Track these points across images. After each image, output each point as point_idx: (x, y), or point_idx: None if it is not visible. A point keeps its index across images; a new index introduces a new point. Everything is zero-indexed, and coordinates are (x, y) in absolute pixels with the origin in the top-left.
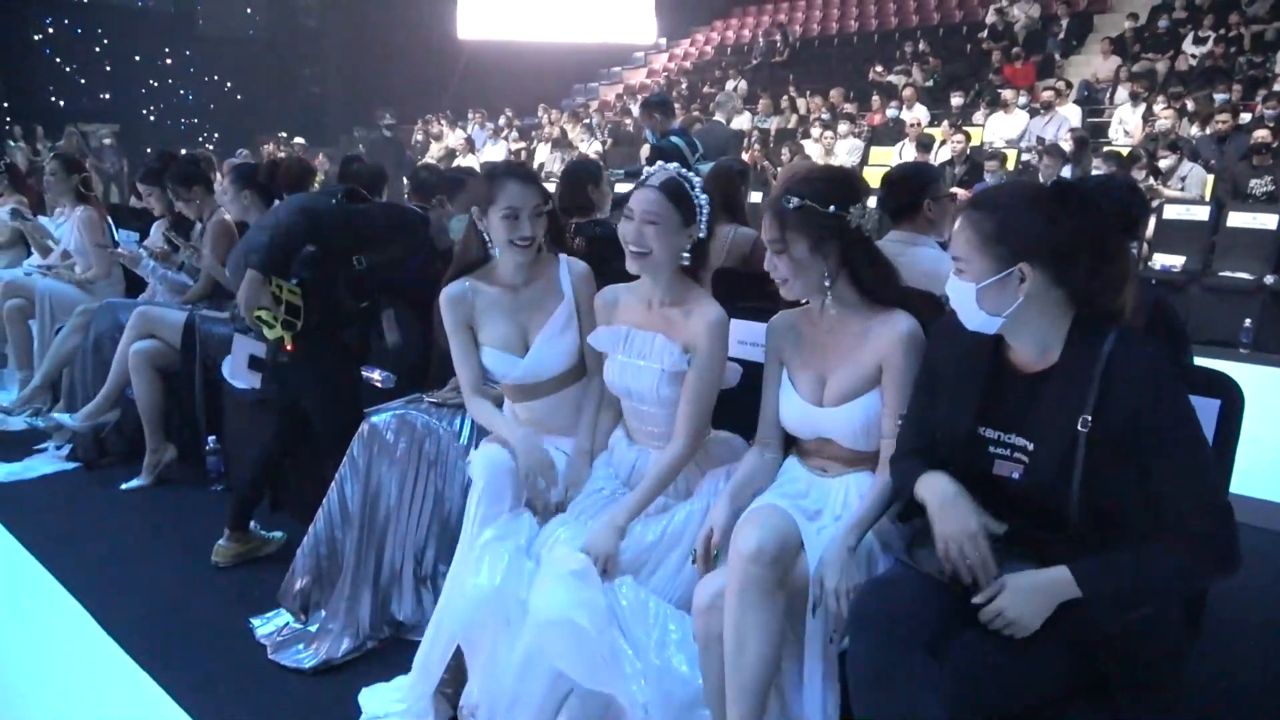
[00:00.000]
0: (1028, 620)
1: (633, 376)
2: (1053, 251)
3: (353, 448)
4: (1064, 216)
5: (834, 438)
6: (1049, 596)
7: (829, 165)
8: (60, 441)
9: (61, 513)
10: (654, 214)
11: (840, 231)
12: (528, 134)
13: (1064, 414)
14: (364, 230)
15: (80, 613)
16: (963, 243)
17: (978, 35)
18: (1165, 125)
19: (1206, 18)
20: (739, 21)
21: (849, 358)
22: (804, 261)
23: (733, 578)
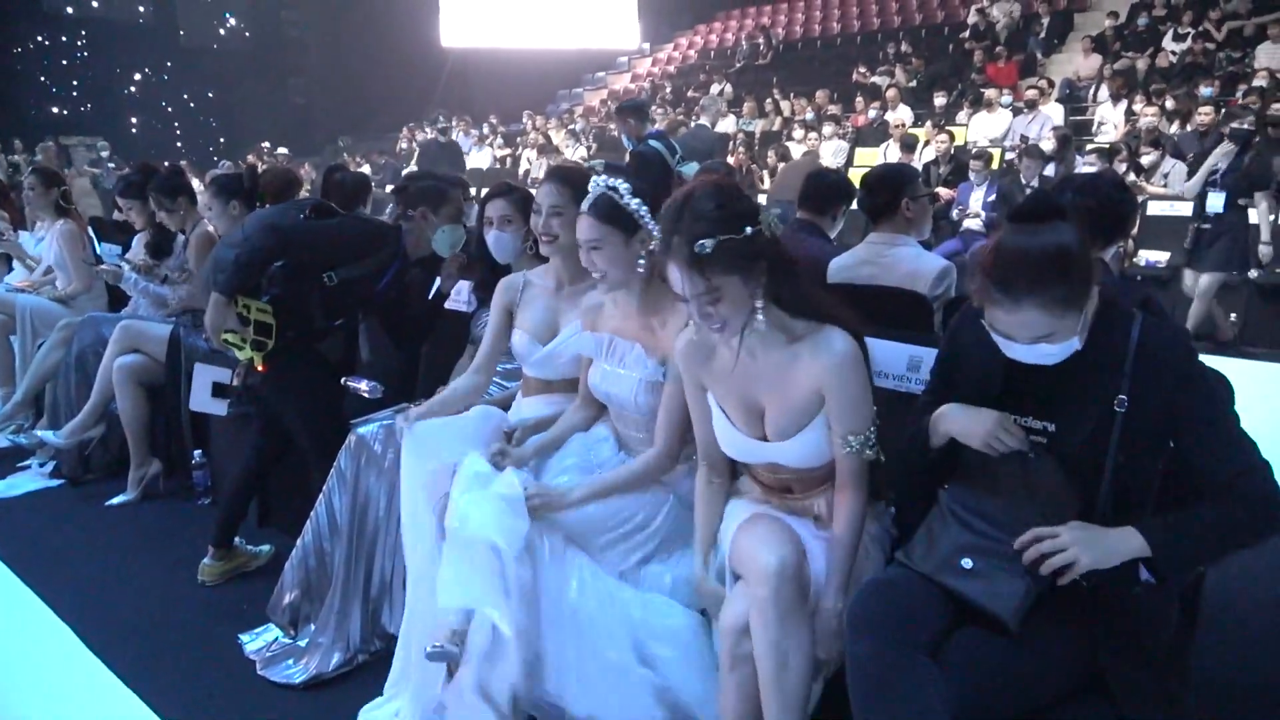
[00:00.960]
0: (1088, 558)
1: (613, 383)
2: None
3: (340, 459)
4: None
5: (786, 463)
6: (1115, 546)
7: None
8: (44, 459)
9: (46, 530)
10: (594, 239)
11: (760, 249)
12: (513, 140)
13: (1095, 397)
14: (334, 246)
15: (65, 632)
16: (1047, 322)
17: (960, 35)
18: (1150, 122)
19: (1185, 14)
20: (722, 25)
21: (783, 389)
22: (739, 297)
23: (764, 599)
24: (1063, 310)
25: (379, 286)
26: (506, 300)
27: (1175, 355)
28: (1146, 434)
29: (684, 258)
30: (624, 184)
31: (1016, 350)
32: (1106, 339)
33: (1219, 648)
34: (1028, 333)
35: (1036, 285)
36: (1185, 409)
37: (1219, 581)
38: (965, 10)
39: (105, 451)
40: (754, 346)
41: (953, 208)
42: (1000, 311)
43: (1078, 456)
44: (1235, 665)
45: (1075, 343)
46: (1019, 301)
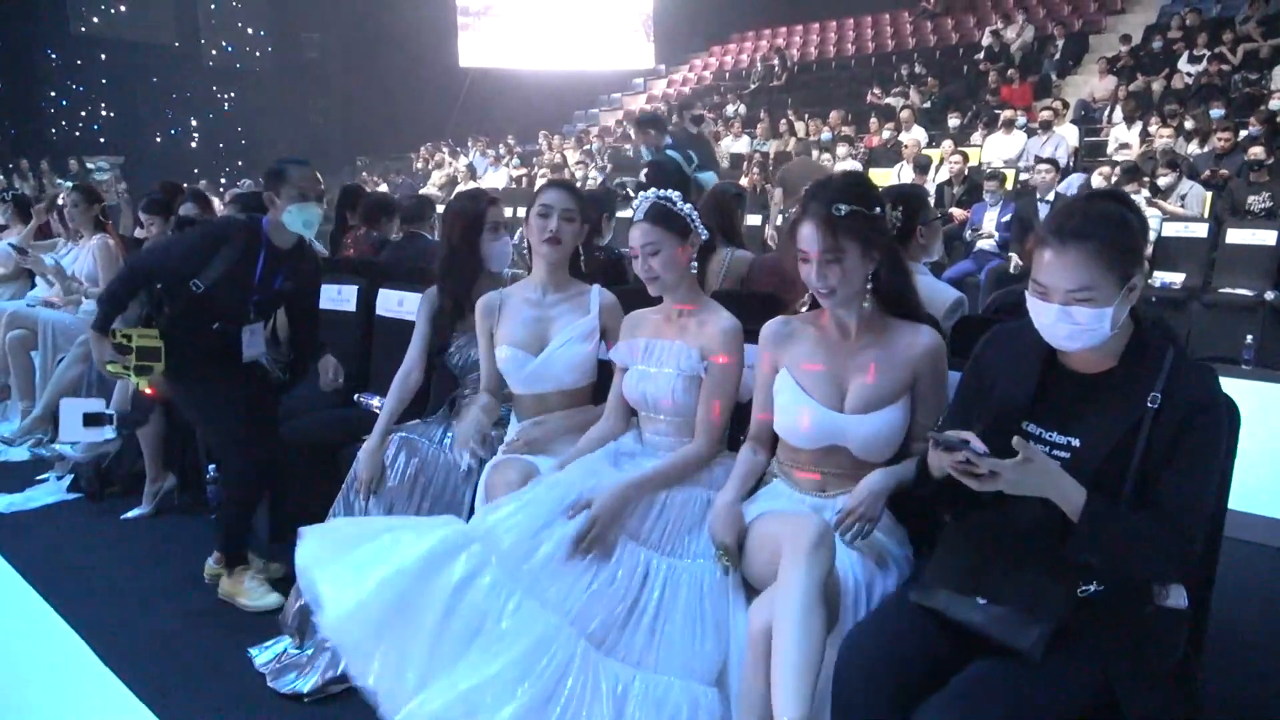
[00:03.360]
0: (1014, 489)
1: (650, 383)
2: (1142, 255)
3: (351, 472)
4: (1135, 219)
5: (849, 446)
6: (1051, 491)
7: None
8: (62, 472)
9: (62, 544)
10: (652, 244)
11: (883, 233)
12: (529, 160)
13: (1123, 412)
14: (183, 256)
15: (78, 644)
16: (1090, 271)
17: (974, 57)
18: (1166, 144)
19: (1200, 36)
20: (737, 47)
21: (875, 366)
22: (855, 267)
23: (796, 589)
24: (1105, 266)
25: (256, 280)
26: (487, 323)
27: (1203, 392)
28: (1162, 451)
29: (819, 215)
30: (676, 193)
31: (1048, 319)
32: (1138, 363)
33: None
34: (1066, 281)
35: (1087, 229)
36: (1186, 441)
37: (1221, 600)
38: (979, 32)
39: (122, 465)
40: (849, 328)
41: (966, 228)
42: (1046, 254)
43: (1098, 472)
44: (1238, 682)
45: (1107, 328)
46: (1066, 243)
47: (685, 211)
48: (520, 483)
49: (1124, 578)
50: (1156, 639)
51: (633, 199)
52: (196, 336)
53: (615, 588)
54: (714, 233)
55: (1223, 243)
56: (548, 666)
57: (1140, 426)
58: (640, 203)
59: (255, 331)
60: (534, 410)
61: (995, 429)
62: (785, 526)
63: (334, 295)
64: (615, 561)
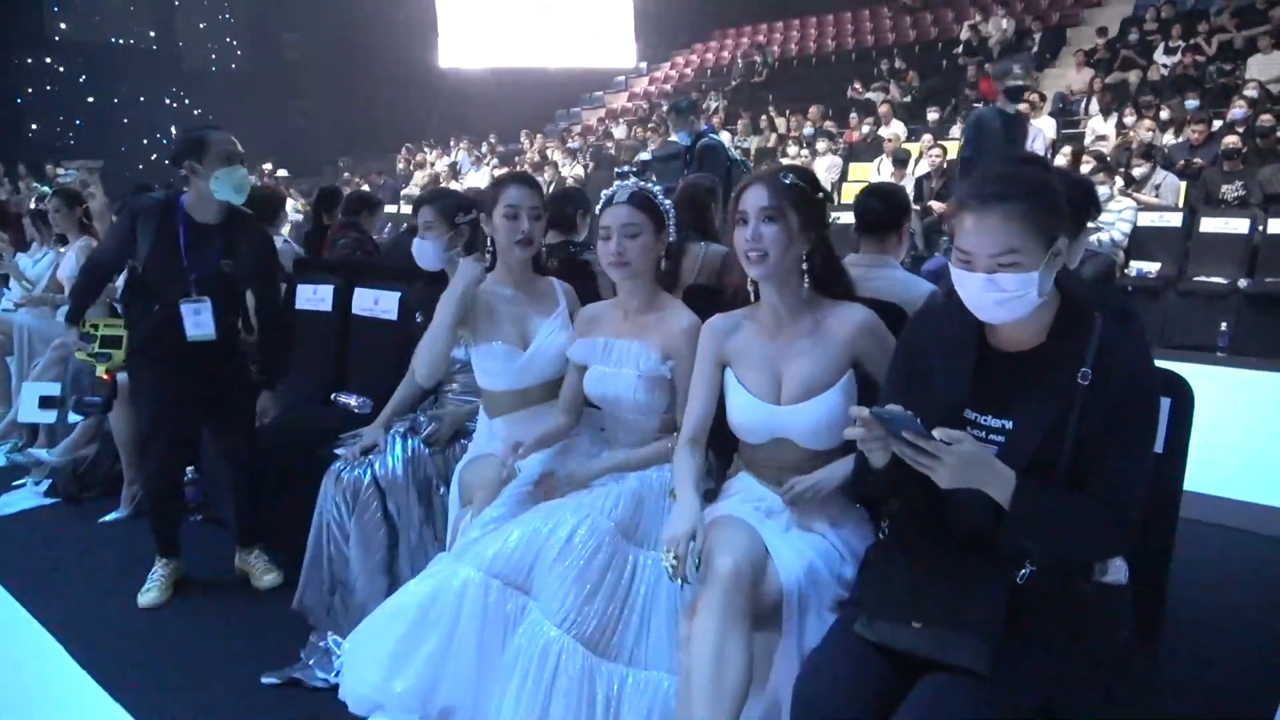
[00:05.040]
0: (947, 479)
1: (610, 384)
2: (1065, 218)
3: (325, 488)
4: (1056, 182)
5: (791, 437)
6: (983, 479)
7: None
8: (39, 477)
9: (39, 547)
10: (632, 226)
11: (821, 220)
12: (510, 160)
13: (1055, 389)
14: (115, 239)
15: (55, 647)
16: (1012, 234)
17: (953, 51)
18: (1147, 136)
19: (1175, 27)
20: (718, 44)
21: (806, 353)
22: (791, 235)
23: (710, 602)
24: (1029, 227)
25: (182, 255)
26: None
27: (1133, 363)
28: (1099, 422)
29: (768, 177)
30: (658, 187)
31: (974, 288)
32: (1068, 338)
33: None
34: (989, 246)
35: (1008, 191)
36: (1119, 414)
37: (1186, 586)
38: (958, 27)
39: (99, 469)
40: (783, 317)
41: (945, 222)
42: (968, 219)
43: (1034, 453)
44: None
45: (1034, 294)
46: (987, 204)
47: (665, 206)
48: (497, 482)
49: (1060, 559)
50: (1099, 619)
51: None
52: (146, 319)
53: (606, 588)
54: (687, 227)
55: (1197, 232)
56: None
57: (1073, 404)
58: (620, 189)
59: (201, 310)
60: (512, 405)
61: (933, 417)
62: (706, 548)
63: (310, 295)
64: (605, 561)
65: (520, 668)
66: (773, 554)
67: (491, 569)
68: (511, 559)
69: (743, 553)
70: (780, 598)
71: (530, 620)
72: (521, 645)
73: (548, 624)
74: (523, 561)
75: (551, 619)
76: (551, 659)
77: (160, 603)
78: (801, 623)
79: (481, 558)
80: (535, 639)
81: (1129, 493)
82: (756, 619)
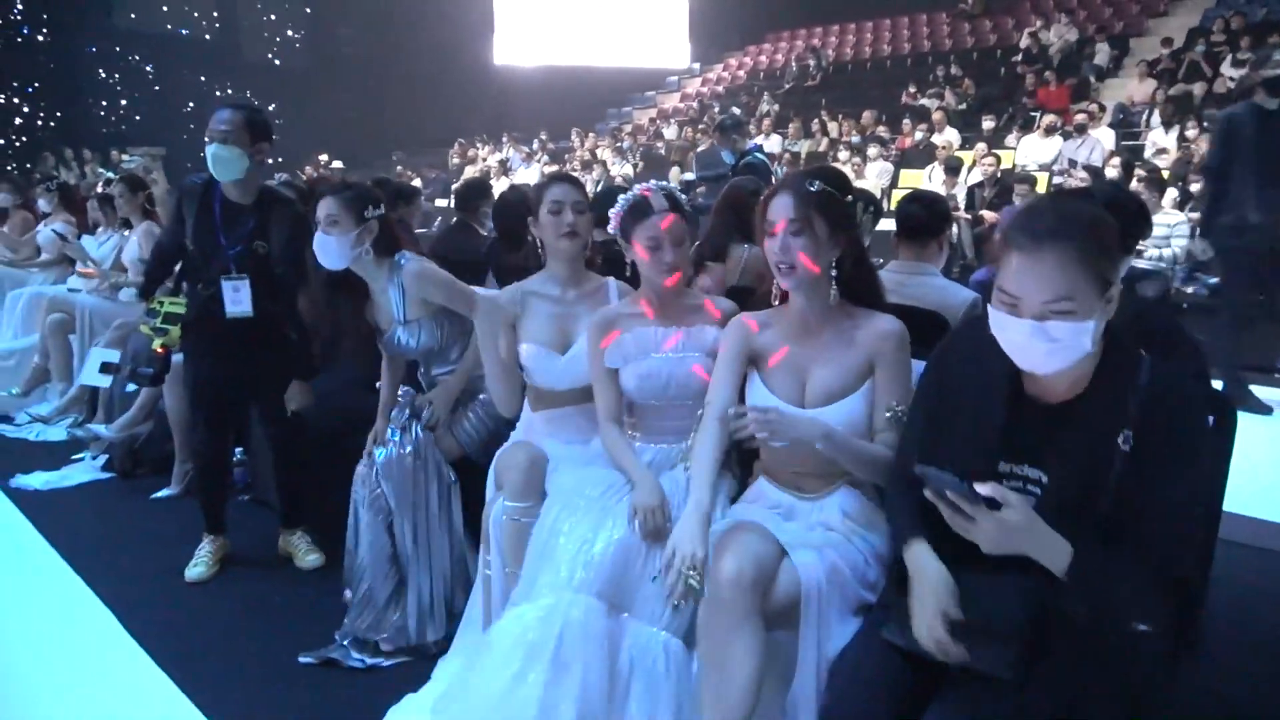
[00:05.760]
0: (990, 544)
1: (674, 368)
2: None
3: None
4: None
5: None
6: (1032, 547)
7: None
8: (96, 452)
9: (94, 521)
10: (680, 233)
11: (851, 223)
12: (560, 157)
13: (1095, 443)
14: (170, 220)
15: (108, 616)
16: (1068, 278)
17: (1011, 59)
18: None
19: (1244, 39)
20: (772, 46)
21: (832, 357)
22: (820, 245)
23: (713, 605)
24: (1085, 271)
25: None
26: (510, 314)
27: (1185, 406)
28: (1143, 485)
29: (792, 187)
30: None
31: (1020, 336)
32: (1110, 387)
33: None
34: (1042, 293)
35: (1062, 229)
36: (1165, 470)
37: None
38: (1017, 34)
39: (154, 446)
40: (810, 322)
41: (996, 231)
42: (1017, 259)
43: (1068, 506)
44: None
45: (1088, 344)
46: (1040, 244)
47: (688, 208)
48: (528, 465)
49: (1109, 621)
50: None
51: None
52: (195, 298)
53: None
54: (731, 230)
55: None
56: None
57: (1113, 460)
58: (655, 194)
59: (239, 288)
60: (552, 403)
61: (963, 467)
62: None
63: None
64: None
65: (638, 681)
66: (791, 554)
67: (591, 588)
68: (603, 573)
69: (748, 556)
70: (798, 597)
71: (632, 631)
72: (635, 659)
73: (653, 629)
74: (614, 574)
75: (657, 624)
76: (670, 663)
77: (205, 578)
78: (822, 622)
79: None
80: (647, 649)
81: (1182, 547)
82: (771, 618)
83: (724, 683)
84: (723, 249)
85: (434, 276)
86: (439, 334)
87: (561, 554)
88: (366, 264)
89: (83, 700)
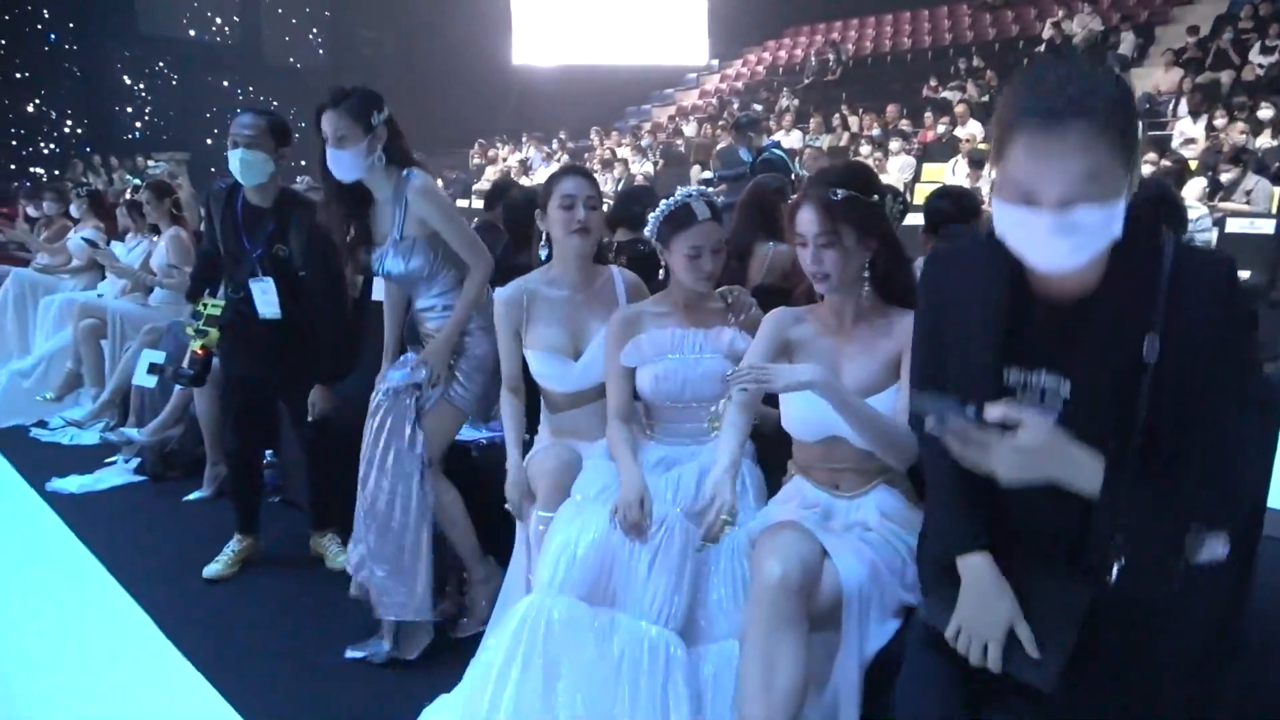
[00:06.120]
0: (1008, 471)
1: (690, 369)
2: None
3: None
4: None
5: (844, 434)
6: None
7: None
8: (129, 455)
9: (128, 523)
10: (718, 241)
11: (881, 221)
12: (579, 157)
13: (1118, 344)
14: (205, 224)
15: (143, 617)
16: (1095, 156)
17: (1034, 49)
18: (1239, 139)
19: (1272, 26)
20: (791, 41)
21: (866, 353)
22: (850, 253)
23: (759, 608)
24: (1109, 145)
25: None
26: (514, 318)
27: (1215, 288)
28: (1182, 382)
29: (816, 199)
30: (701, 187)
31: (1040, 232)
32: (1131, 274)
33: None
34: (1064, 174)
35: (1084, 99)
36: (1205, 364)
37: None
38: (1040, 25)
39: (184, 450)
40: (845, 320)
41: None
42: (1028, 141)
43: (1100, 419)
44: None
45: (1116, 229)
46: (1061, 120)
47: (719, 205)
48: (556, 471)
49: (1157, 550)
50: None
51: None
52: (228, 301)
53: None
54: (755, 228)
55: None
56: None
57: (1143, 360)
58: (697, 200)
59: (266, 290)
60: (567, 405)
61: (964, 378)
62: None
63: None
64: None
65: (628, 676)
66: (833, 556)
67: (575, 589)
68: (587, 574)
69: (793, 558)
70: (839, 599)
71: (623, 628)
72: (624, 653)
73: (643, 624)
74: (598, 573)
75: (647, 618)
76: (660, 657)
77: (222, 576)
78: (863, 624)
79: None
80: (637, 643)
81: (1231, 454)
82: (814, 620)
83: (769, 685)
84: (747, 248)
85: (438, 198)
86: (431, 257)
87: (546, 555)
88: (376, 172)
89: (118, 700)
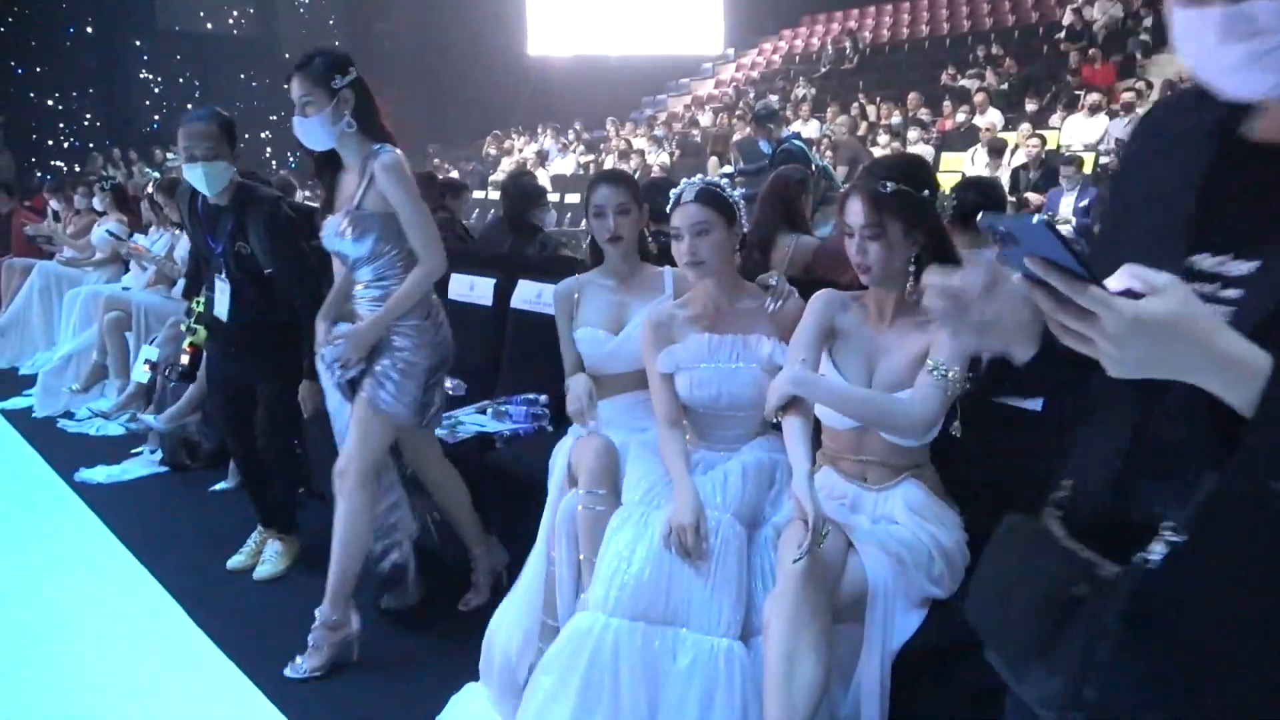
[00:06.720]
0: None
1: (726, 380)
2: None
3: None
4: None
5: None
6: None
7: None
8: (154, 445)
9: (155, 513)
10: (703, 223)
11: (929, 216)
12: (595, 147)
13: None
14: None
15: (174, 606)
16: None
17: (1054, 36)
18: None
19: None
20: (807, 30)
21: (899, 349)
22: (897, 246)
23: (782, 599)
24: None
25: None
26: (566, 308)
27: None
28: None
29: (866, 190)
30: (725, 180)
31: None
32: None
33: None
34: None
35: None
36: None
37: None
38: (1060, 11)
39: (210, 441)
40: (887, 313)
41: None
42: None
43: None
44: None
45: None
46: None
47: (735, 198)
48: (603, 452)
49: None
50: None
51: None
52: (208, 298)
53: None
54: (777, 220)
55: None
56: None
57: None
58: (686, 187)
59: (223, 291)
60: (611, 389)
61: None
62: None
63: (466, 290)
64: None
65: (700, 689)
66: (859, 549)
67: (627, 610)
68: (642, 595)
69: (818, 551)
70: (864, 591)
71: (689, 644)
72: (696, 667)
73: (710, 639)
74: (654, 592)
75: (714, 633)
76: (735, 666)
77: (245, 567)
78: (888, 617)
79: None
80: (711, 659)
81: None
82: (839, 612)
83: (792, 677)
84: (769, 240)
85: (404, 178)
86: (380, 236)
87: (602, 570)
88: (348, 139)
89: (151, 689)
